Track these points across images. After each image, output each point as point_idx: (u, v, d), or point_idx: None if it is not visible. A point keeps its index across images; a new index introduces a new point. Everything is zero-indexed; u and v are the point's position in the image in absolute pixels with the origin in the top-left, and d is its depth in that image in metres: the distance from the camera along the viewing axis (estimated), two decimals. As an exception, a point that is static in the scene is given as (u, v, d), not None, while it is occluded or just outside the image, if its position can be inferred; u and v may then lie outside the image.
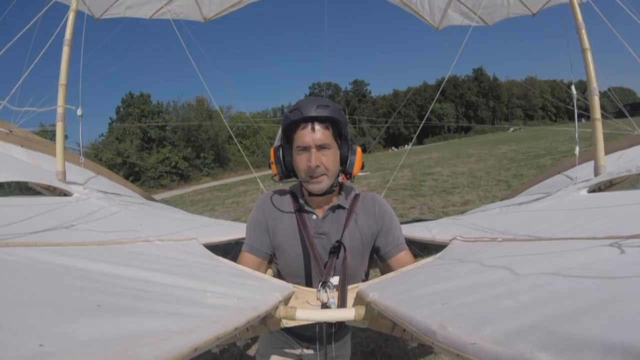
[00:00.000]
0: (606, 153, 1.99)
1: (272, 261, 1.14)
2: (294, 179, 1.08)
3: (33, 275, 0.59)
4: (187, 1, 3.72)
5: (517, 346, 0.35)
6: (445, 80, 4.22)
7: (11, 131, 2.40)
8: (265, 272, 1.11)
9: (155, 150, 26.52)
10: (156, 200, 3.38)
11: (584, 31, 2.11)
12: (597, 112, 1.99)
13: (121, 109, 29.06)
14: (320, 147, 0.98)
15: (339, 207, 1.07)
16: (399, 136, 48.05)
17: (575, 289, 0.48)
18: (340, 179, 1.05)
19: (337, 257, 0.97)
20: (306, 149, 0.98)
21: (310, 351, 1.12)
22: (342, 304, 0.88)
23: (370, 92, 55.52)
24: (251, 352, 2.61)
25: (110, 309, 0.49)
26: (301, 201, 1.07)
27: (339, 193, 1.09)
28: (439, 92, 5.13)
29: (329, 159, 0.99)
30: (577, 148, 2.03)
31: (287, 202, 1.10)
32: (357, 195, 1.12)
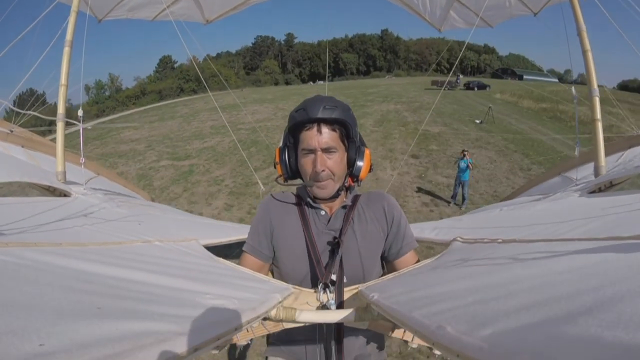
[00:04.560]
0: (606, 154, 1.99)
1: (273, 264, 1.10)
2: (299, 180, 1.05)
3: (33, 276, 0.59)
4: (189, 3, 3.73)
5: (516, 347, 0.35)
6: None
7: (12, 131, 2.40)
8: (266, 274, 1.08)
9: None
10: (157, 202, 3.38)
11: (585, 33, 2.12)
12: (597, 113, 1.99)
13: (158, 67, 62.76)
14: (326, 150, 0.94)
15: (348, 205, 1.04)
16: (318, 74, 73.87)
17: (575, 290, 0.48)
18: (346, 183, 1.02)
19: (337, 253, 0.94)
20: (312, 151, 0.94)
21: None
22: (339, 304, 0.87)
23: (294, 42, 78.84)
24: (251, 352, 2.60)
25: (110, 311, 0.49)
26: (308, 199, 1.04)
27: (347, 193, 1.07)
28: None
29: (335, 162, 0.95)
30: (577, 149, 2.03)
31: (291, 203, 1.07)
32: (357, 195, 1.09)
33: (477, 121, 14.66)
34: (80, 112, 2.15)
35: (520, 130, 13.25)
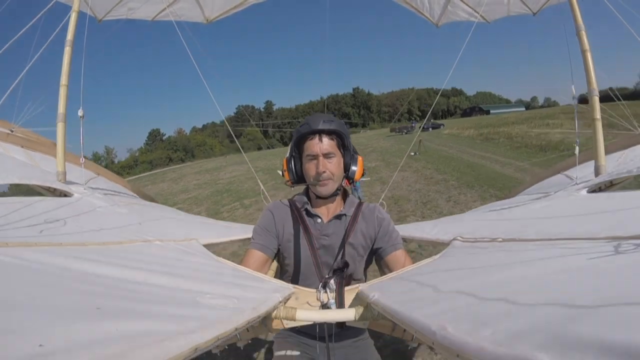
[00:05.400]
0: (606, 153, 1.99)
1: (276, 259, 1.24)
2: (303, 185, 1.20)
3: (32, 276, 0.59)
4: (190, 2, 3.72)
5: (517, 347, 0.35)
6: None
7: (12, 131, 2.40)
8: (268, 269, 1.18)
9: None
10: (157, 202, 3.38)
11: (583, 32, 2.11)
12: (597, 113, 2.00)
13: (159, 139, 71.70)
14: (327, 155, 1.12)
15: (344, 215, 1.18)
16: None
17: (576, 290, 0.48)
18: (343, 184, 1.18)
19: (342, 272, 1.02)
20: (314, 157, 1.12)
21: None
22: (340, 304, 0.89)
23: (274, 109, 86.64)
24: (251, 352, 2.60)
25: (110, 311, 0.49)
26: (307, 206, 1.18)
27: (344, 203, 1.21)
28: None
29: (334, 165, 1.13)
30: (577, 148, 2.03)
31: (289, 210, 1.21)
32: (360, 204, 1.22)
33: (412, 153, 16.08)
34: (80, 112, 2.14)
35: (447, 154, 15.41)
